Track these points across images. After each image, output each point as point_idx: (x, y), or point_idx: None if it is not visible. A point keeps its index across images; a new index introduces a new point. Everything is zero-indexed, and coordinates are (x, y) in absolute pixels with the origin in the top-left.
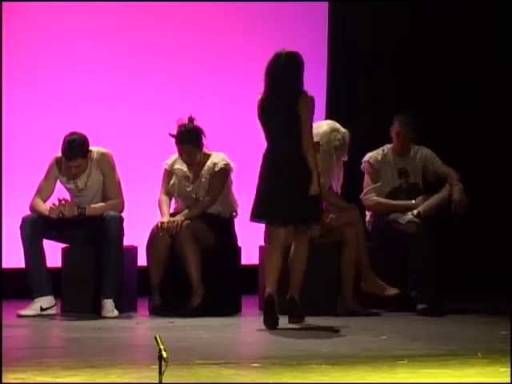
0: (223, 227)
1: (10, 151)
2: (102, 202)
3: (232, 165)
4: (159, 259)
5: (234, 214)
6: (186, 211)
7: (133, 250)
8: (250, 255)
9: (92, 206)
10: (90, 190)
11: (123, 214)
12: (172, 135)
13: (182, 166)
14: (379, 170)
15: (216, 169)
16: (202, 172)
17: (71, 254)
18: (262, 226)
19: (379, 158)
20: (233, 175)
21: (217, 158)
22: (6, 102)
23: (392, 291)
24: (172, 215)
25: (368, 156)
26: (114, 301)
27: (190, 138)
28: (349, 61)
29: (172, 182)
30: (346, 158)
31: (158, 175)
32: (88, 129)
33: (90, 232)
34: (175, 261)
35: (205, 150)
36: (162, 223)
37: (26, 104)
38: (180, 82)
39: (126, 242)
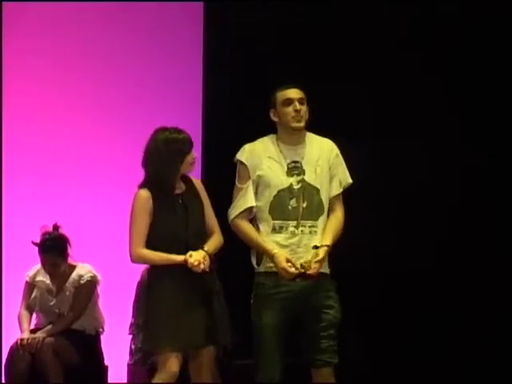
0: (89, 344)
1: None
2: None
3: (99, 277)
4: (18, 378)
5: (101, 330)
6: (49, 327)
7: None
8: (117, 374)
9: None
10: None
11: None
12: (35, 243)
13: (44, 278)
14: (253, 166)
15: (82, 281)
16: (67, 285)
17: None
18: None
19: (253, 149)
20: (99, 288)
21: (83, 270)
22: None
23: None
24: (33, 331)
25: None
26: None
27: (54, 247)
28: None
29: (33, 295)
30: None
31: (19, 288)
32: None
33: None
34: (36, 380)
35: (70, 260)
36: (21, 340)
37: None
38: (43, 189)
39: None
